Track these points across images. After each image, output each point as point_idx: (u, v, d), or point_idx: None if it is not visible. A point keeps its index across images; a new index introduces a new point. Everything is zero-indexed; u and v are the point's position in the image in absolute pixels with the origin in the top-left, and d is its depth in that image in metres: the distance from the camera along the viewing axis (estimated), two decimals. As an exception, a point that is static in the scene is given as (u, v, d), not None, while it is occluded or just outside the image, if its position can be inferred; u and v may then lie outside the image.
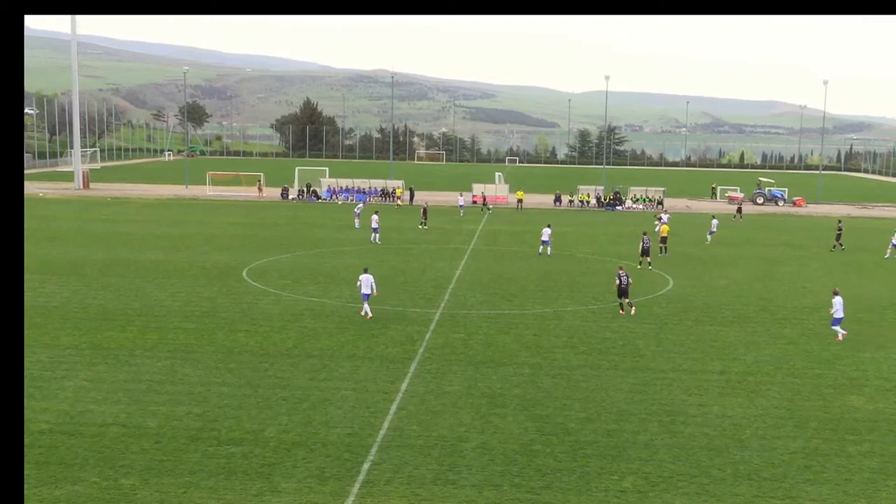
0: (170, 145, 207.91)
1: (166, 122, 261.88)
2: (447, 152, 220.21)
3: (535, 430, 21.50)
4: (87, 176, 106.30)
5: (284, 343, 29.52)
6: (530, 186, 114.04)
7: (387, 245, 53.37)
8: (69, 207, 79.22)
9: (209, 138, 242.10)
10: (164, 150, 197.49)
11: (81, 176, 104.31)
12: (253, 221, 67.96)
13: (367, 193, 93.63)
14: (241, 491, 17.71)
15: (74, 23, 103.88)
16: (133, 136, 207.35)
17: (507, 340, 30.58)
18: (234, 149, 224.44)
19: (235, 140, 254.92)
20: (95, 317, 32.83)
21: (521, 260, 50.09)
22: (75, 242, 53.89)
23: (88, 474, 18.37)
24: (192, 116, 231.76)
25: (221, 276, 42.29)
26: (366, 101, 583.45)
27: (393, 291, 38.67)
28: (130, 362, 26.87)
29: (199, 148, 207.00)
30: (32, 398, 23.14)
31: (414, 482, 18.30)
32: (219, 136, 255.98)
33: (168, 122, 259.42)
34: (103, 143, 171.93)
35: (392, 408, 22.90)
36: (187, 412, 22.29)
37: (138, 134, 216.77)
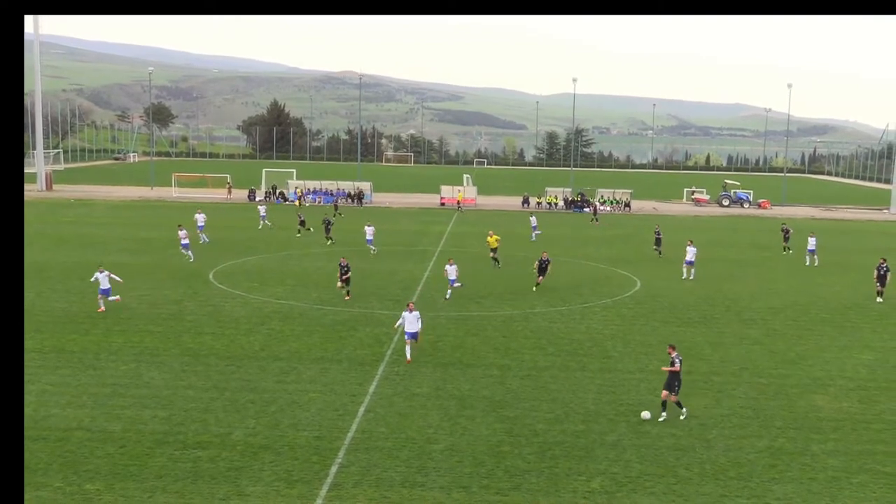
0: (134, 147, 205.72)
1: (131, 123, 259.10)
2: (415, 154, 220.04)
3: (504, 432, 21.53)
4: (51, 177, 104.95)
5: (252, 346, 29.33)
6: (498, 188, 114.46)
7: (353, 248, 53.15)
8: (32, 209, 77.95)
9: (175, 139, 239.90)
10: (126, 151, 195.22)
11: (44, 177, 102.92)
12: (220, 223, 67.30)
13: (334, 195, 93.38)
14: (207, 495, 17.57)
15: (37, 22, 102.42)
16: (97, 138, 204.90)
17: (475, 342, 30.61)
18: (200, 150, 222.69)
19: (201, 142, 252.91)
20: (59, 320, 32.41)
21: (489, 262, 50.13)
22: (38, 245, 53.11)
23: (52, 479, 18.14)
24: (157, 117, 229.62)
25: (188, 279, 41.90)
26: (333, 102, 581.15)
27: (361, 294, 38.54)
28: (95, 366, 26.56)
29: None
30: (-6, 403, 22.80)
31: (382, 484, 18.26)
32: (185, 137, 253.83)
33: (133, 124, 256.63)
34: (67, 145, 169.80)
35: (360, 410, 22.83)
36: (153, 416, 22.06)
37: (102, 135, 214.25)
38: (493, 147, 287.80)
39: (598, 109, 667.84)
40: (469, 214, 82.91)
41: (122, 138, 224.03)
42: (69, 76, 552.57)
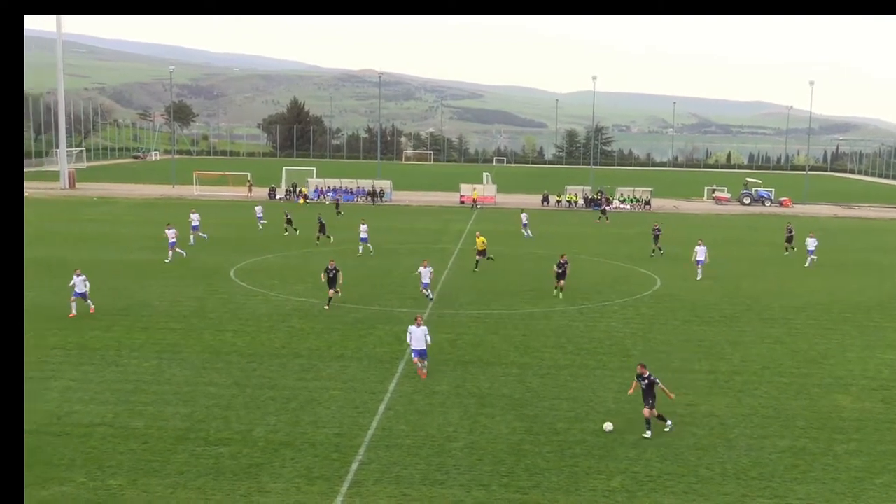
0: (156, 145, 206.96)
1: (153, 121, 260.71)
2: (435, 152, 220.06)
3: (524, 430, 21.52)
4: (73, 175, 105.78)
5: (272, 343, 29.46)
6: (518, 186, 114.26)
7: (373, 246, 53.21)
8: (55, 207, 78.82)
9: (196, 138, 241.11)
10: (147, 150, 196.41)
11: (67, 175, 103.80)
12: (240, 221, 67.69)
13: (354, 193, 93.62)
14: (228, 491, 17.66)
15: (60, 22, 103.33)
16: (119, 136, 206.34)
17: (495, 340, 30.61)
18: (220, 148, 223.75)
19: (222, 140, 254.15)
20: (81, 317, 32.65)
21: (508, 260, 50.09)
22: (61, 242, 53.61)
23: (76, 475, 18.30)
24: (178, 116, 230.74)
25: (209, 276, 42.13)
26: (353, 100, 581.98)
27: (381, 292, 38.62)
28: (117, 362, 26.78)
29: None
30: (18, 399, 23.04)
31: (402, 482, 18.29)
32: (205, 135, 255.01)
33: (154, 122, 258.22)
34: (89, 143, 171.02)
35: (380, 408, 22.87)
36: (175, 412, 22.22)
37: (125, 133, 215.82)
38: (512, 145, 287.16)
39: (618, 107, 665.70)
40: (488, 212, 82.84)
41: (143, 137, 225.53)
42: (91, 75, 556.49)
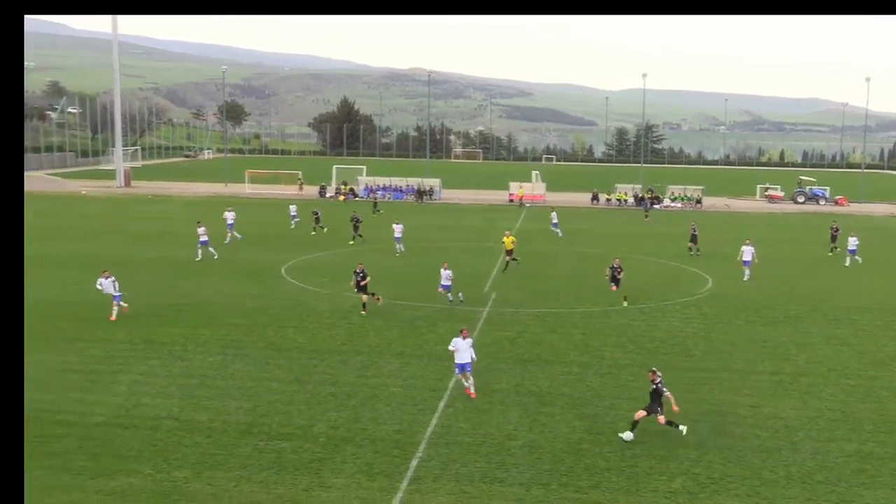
0: (209, 144, 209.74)
1: (206, 120, 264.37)
2: (483, 151, 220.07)
3: (584, 430, 21.42)
4: (129, 174, 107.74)
5: (333, 340, 29.69)
6: (567, 185, 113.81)
7: (421, 244, 53.32)
8: (111, 205, 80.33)
9: (248, 137, 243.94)
10: (199, 149, 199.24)
11: (123, 174, 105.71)
12: (280, 220, 67.72)
13: (403, 192, 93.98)
14: (290, 485, 17.85)
15: (115, 23, 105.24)
16: (173, 135, 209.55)
17: (554, 339, 30.51)
18: (272, 147, 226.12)
19: (274, 139, 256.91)
20: (147, 312, 33.23)
21: (560, 259, 49.90)
22: (119, 240, 54.59)
23: (143, 466, 18.63)
24: (230, 115, 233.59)
25: (261, 274, 42.59)
26: (402, 99, 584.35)
27: (431, 289, 38.67)
28: (183, 357, 27.25)
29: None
30: (88, 391, 23.63)
31: (462, 479, 18.31)
32: (257, 134, 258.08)
33: (207, 121, 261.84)
34: (144, 142, 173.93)
35: (440, 405, 22.92)
36: (238, 407, 22.52)
37: (178, 132, 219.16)
38: (561, 143, 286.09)
39: (669, 105, 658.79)
40: (537, 211, 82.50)
41: (196, 136, 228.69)
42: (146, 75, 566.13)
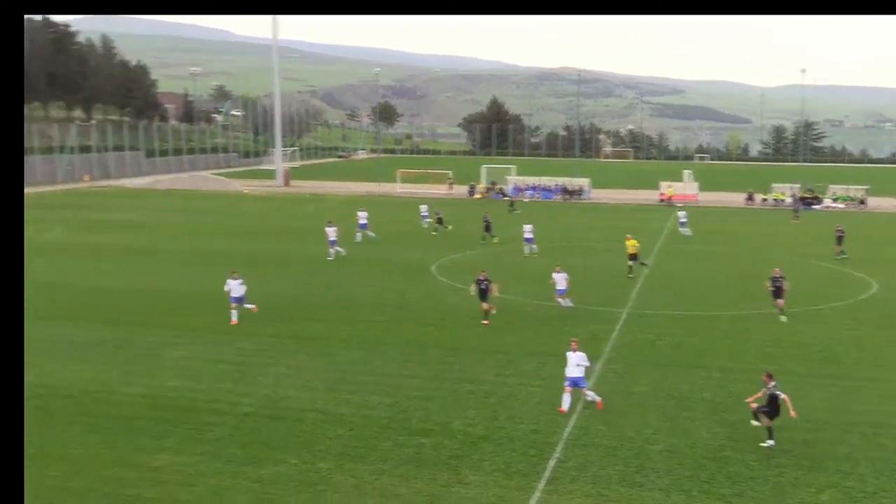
0: (363, 144, 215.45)
1: (360, 121, 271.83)
2: (634, 150, 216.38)
3: (725, 436, 20.89)
4: (288, 173, 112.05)
5: (471, 338, 30.04)
6: (720, 184, 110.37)
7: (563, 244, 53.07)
8: (271, 204, 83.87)
9: (399, 137, 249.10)
10: (353, 149, 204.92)
11: (282, 173, 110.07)
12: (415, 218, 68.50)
13: (551, 191, 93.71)
14: (429, 480, 18.22)
15: (276, 28, 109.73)
16: (329, 136, 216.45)
17: (696, 342, 29.84)
18: (423, 147, 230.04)
19: (425, 139, 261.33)
20: (294, 308, 34.63)
21: (710, 260, 48.59)
22: (279, 238, 56.94)
23: (289, 456, 19.44)
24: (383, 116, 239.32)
25: (410, 271, 43.48)
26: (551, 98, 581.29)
27: (575, 289, 38.43)
28: (327, 352, 28.22)
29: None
30: (238, 382, 24.88)
31: (600, 482, 18.23)
32: (409, 134, 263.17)
33: (361, 122, 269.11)
34: (301, 143, 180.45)
35: (577, 406, 22.83)
36: (379, 402, 23.16)
37: (334, 133, 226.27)
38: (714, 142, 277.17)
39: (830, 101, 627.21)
40: (689, 211, 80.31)
41: (351, 136, 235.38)
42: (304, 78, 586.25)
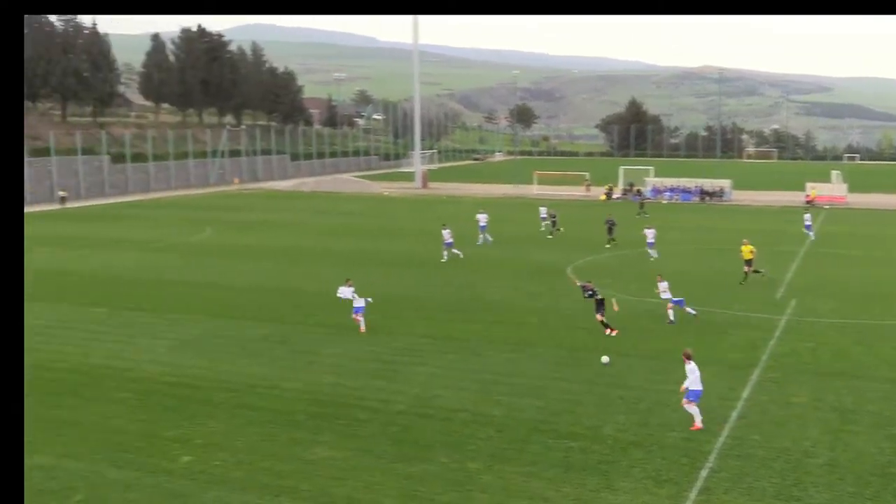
0: (500, 146, 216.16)
1: (497, 124, 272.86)
2: (778, 150, 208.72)
3: (893, 452, 19.89)
4: (426, 176, 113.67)
5: (622, 343, 29.64)
6: (872, 185, 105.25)
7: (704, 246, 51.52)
8: (409, 206, 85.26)
9: (536, 139, 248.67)
10: (492, 151, 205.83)
11: (421, 176, 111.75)
12: (576, 219, 68.07)
13: (691, 193, 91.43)
14: (578, 485, 18.10)
15: (417, 32, 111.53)
16: (467, 138, 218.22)
17: (860, 352, 28.52)
18: (560, 149, 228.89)
19: (562, 140, 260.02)
20: (446, 308, 35.21)
21: (867, 264, 46.29)
22: (416, 238, 57.79)
23: (438, 455, 19.70)
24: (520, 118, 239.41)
25: (546, 273, 43.31)
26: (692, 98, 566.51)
27: (726, 295, 37.38)
28: (478, 353, 28.49)
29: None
30: (391, 380, 25.47)
31: (754, 494, 17.70)
32: (546, 136, 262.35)
33: (498, 124, 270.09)
34: (440, 145, 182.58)
35: (732, 415, 22.24)
36: (529, 404, 23.19)
37: (471, 136, 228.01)
38: (865, 141, 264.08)
39: None
40: (837, 213, 76.98)
41: (488, 139, 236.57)
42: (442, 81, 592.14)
